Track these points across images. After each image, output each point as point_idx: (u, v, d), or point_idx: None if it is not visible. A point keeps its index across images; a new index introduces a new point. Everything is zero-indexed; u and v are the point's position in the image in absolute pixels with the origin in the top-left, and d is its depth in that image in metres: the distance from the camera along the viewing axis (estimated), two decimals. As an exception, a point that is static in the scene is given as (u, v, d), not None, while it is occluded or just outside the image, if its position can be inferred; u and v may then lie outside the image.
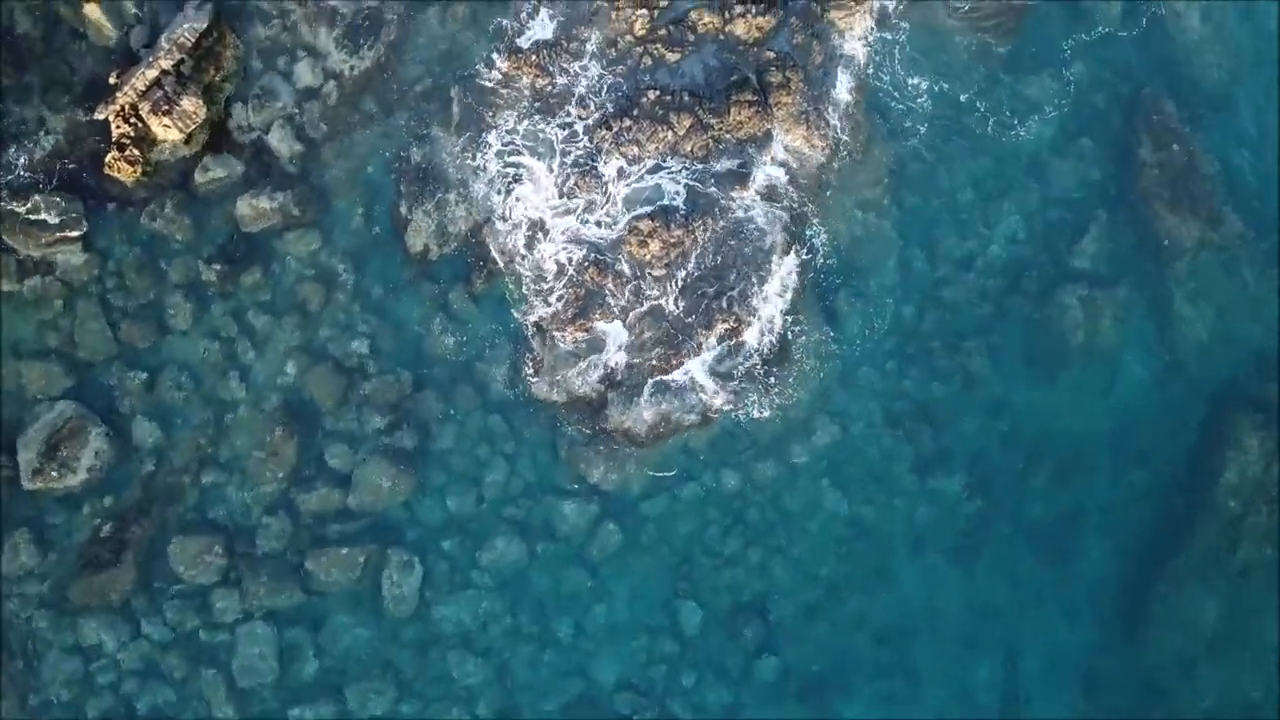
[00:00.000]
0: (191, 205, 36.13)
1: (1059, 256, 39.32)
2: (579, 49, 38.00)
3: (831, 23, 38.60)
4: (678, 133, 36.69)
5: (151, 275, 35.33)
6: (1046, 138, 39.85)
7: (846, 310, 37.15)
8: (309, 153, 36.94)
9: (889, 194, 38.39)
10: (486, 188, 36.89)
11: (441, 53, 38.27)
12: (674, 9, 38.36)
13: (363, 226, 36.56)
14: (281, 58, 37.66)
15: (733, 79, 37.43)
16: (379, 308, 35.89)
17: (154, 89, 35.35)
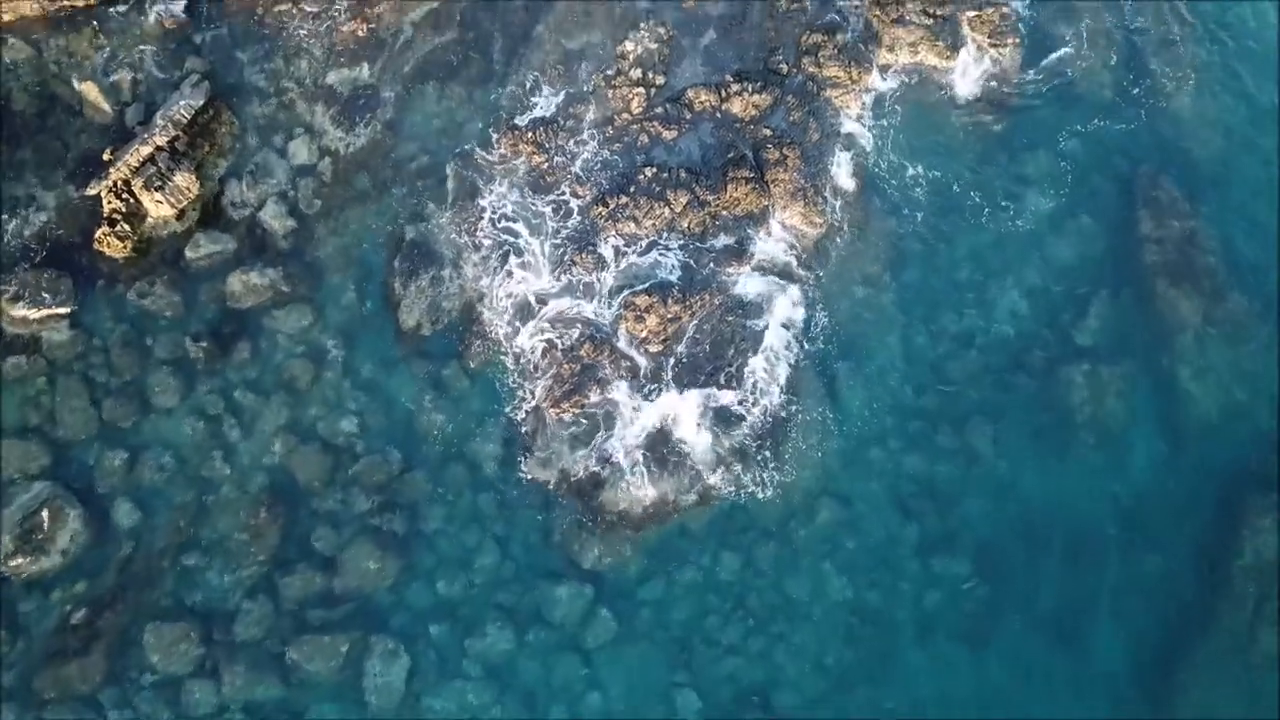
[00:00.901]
0: (181, 281, 35.68)
1: (1062, 333, 38.64)
2: (576, 126, 38.04)
3: (828, 101, 38.76)
4: (675, 209, 36.44)
5: (137, 352, 34.64)
6: (1045, 215, 39.59)
7: (847, 387, 36.35)
8: (302, 229, 36.66)
9: (888, 270, 37.95)
10: (481, 264, 36.50)
11: (438, 130, 38.32)
12: (671, 87, 38.60)
13: (355, 303, 36.03)
14: (277, 134, 37.68)
15: (730, 156, 37.37)
16: (369, 385, 35.11)
17: (147, 165, 35.25)
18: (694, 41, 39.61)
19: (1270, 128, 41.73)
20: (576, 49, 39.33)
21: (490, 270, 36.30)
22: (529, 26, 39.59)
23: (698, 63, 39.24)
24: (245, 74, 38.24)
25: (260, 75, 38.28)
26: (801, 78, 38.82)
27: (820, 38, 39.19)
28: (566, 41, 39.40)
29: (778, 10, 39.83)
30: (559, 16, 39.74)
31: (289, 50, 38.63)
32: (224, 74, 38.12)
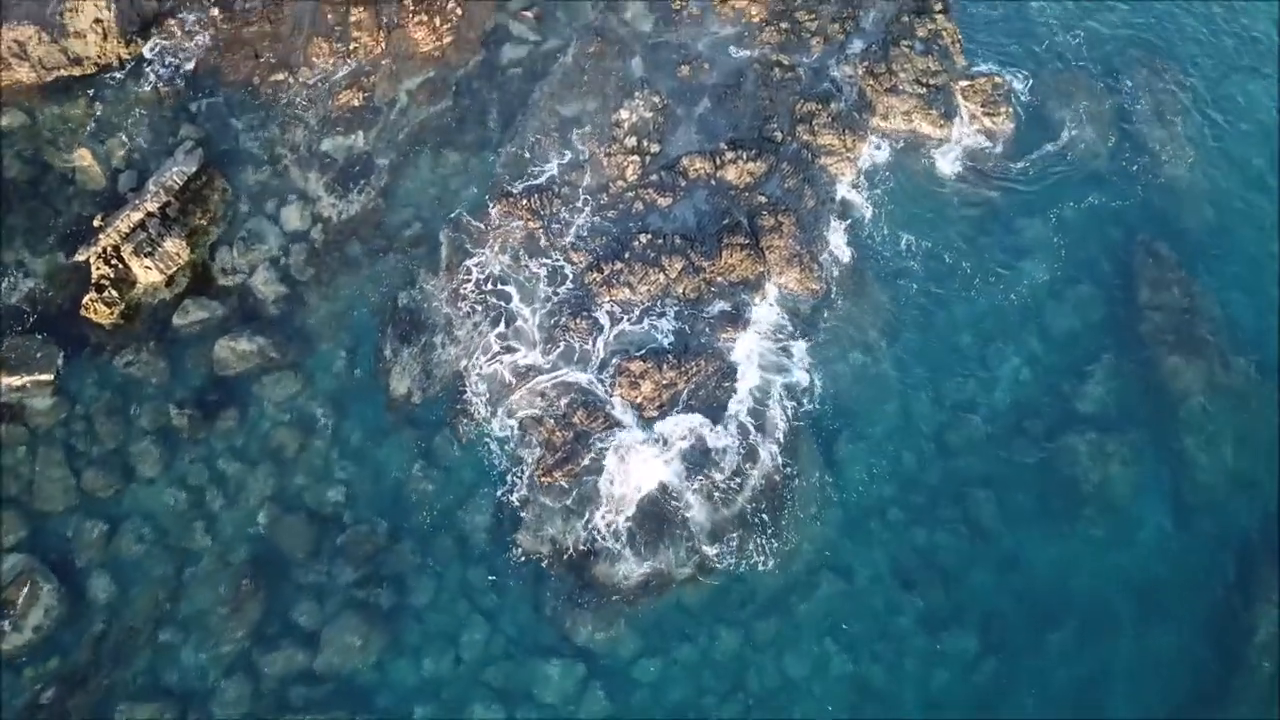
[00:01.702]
0: (168, 348, 35.12)
1: (1064, 400, 37.98)
2: (571, 193, 37.91)
3: (823, 168, 38.73)
4: (670, 275, 36.08)
5: (121, 421, 33.89)
6: (1043, 282, 39.27)
7: (846, 455, 35.54)
8: (293, 295, 36.23)
9: (886, 337, 37.45)
10: (474, 331, 35.99)
11: (432, 197, 38.18)
12: (666, 155, 38.58)
13: (344, 370, 35.40)
14: (270, 201, 37.50)
15: (725, 222, 37.17)
16: (358, 454, 34.26)
17: (138, 231, 34.99)
18: (689, 110, 39.77)
19: (1264, 197, 41.71)
20: (572, 116, 39.44)
21: (483, 337, 35.76)
22: (525, 94, 39.77)
23: (692, 131, 39.33)
24: (240, 141, 38.24)
25: (255, 142, 38.27)
26: (796, 146, 38.86)
27: (814, 106, 39.34)
28: (562, 109, 39.54)
29: (771, 79, 40.06)
30: (555, 84, 39.95)
31: (284, 118, 38.71)
32: (218, 141, 38.12)
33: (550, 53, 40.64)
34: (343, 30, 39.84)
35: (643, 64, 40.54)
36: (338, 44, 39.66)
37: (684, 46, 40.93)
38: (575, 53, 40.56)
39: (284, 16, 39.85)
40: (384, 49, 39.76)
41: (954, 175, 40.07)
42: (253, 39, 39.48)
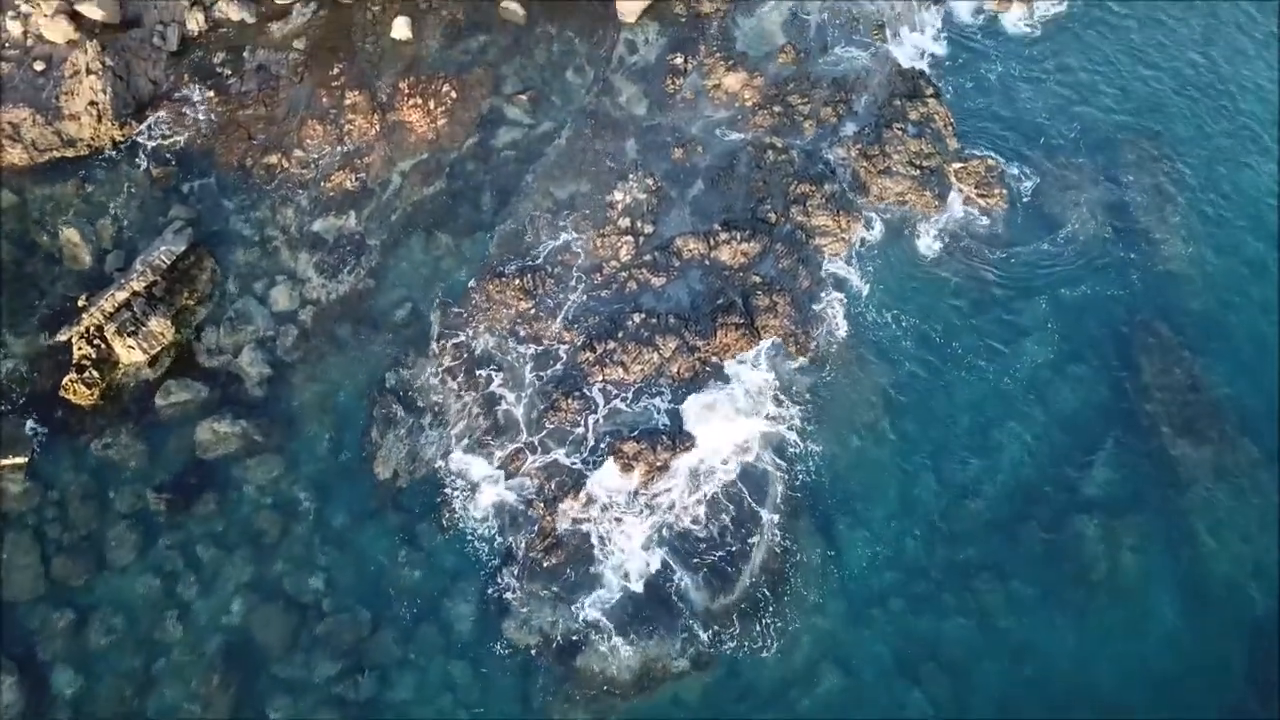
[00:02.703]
0: (149, 430, 34.12)
1: (1069, 483, 36.98)
2: (564, 274, 37.50)
3: (817, 249, 38.46)
4: (664, 354, 35.42)
5: (95, 505, 32.72)
6: (1043, 362, 38.66)
7: (847, 541, 34.33)
8: (279, 376, 35.44)
9: (885, 417, 36.62)
10: (462, 413, 35.11)
11: (423, 278, 37.73)
12: (660, 235, 38.33)
13: (329, 453, 34.39)
14: (259, 281, 37.02)
15: (719, 302, 36.68)
16: (340, 539, 33.01)
17: (122, 310, 34.34)
18: (682, 191, 39.69)
19: (1263, 281, 41.44)
20: (566, 198, 39.32)
21: (472, 419, 34.88)
22: (519, 177, 39.71)
23: (686, 212, 39.18)
24: (230, 221, 37.95)
25: (245, 223, 37.98)
26: (790, 226, 38.66)
27: (808, 188, 39.29)
28: (556, 191, 39.44)
29: (765, 161, 40.10)
30: (549, 167, 39.94)
31: (276, 199, 38.52)
32: (209, 221, 37.83)
33: (544, 135, 40.75)
34: (337, 113, 39.98)
35: (637, 146, 40.63)
36: (332, 126, 39.74)
37: (678, 129, 41.10)
38: (569, 135, 40.67)
39: (279, 99, 40.02)
40: (378, 131, 39.84)
41: (949, 256, 39.79)
42: (247, 121, 39.56)
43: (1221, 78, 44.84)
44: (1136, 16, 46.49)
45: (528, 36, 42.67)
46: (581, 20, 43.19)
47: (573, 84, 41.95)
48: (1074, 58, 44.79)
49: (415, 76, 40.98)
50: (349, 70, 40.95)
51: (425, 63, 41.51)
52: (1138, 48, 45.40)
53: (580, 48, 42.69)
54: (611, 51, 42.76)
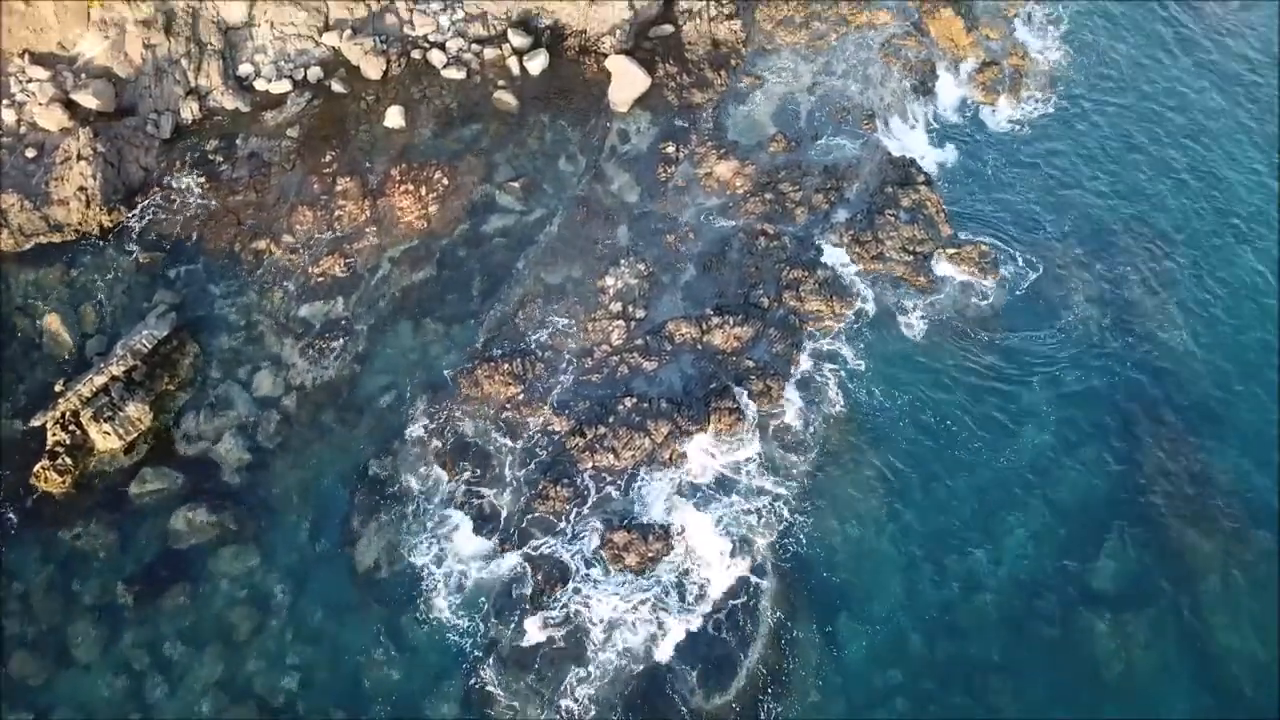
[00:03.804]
0: (121, 519, 32.91)
1: (1076, 576, 35.61)
2: (554, 358, 36.83)
3: (811, 333, 37.93)
4: (656, 440, 34.48)
5: (60, 598, 31.32)
6: (1045, 448, 37.73)
7: (847, 635, 32.80)
8: (259, 463, 34.39)
9: (883, 505, 35.49)
10: (449, 499, 33.97)
11: (411, 364, 37.02)
12: (651, 320, 37.82)
13: (308, 542, 33.11)
14: (242, 367, 36.28)
15: (712, 387, 35.93)
16: (316, 635, 31.48)
17: (100, 395, 33.49)
18: (674, 277, 39.34)
19: (1264, 366, 40.86)
20: (557, 283, 38.93)
21: (458, 506, 33.72)
22: (510, 263, 39.39)
23: (678, 297, 38.75)
24: (216, 306, 37.41)
25: (231, 308, 37.44)
26: (783, 311, 38.21)
27: (801, 273, 38.98)
28: (547, 276, 39.08)
29: (757, 248, 39.88)
30: (540, 253, 39.68)
31: (263, 284, 38.07)
32: (194, 306, 37.30)
33: (536, 222, 40.61)
34: (328, 199, 39.88)
35: (629, 232, 40.47)
36: (322, 212, 39.58)
37: (670, 216, 41.01)
38: (561, 222, 40.54)
39: (270, 186, 39.97)
40: (368, 217, 39.68)
41: (945, 341, 39.24)
42: (237, 207, 39.40)
43: (1214, 167, 45.09)
44: (1127, 108, 47.01)
45: (521, 125, 42.96)
46: (574, 109, 43.58)
47: (565, 172, 42.04)
48: (1064, 147, 45.12)
49: (407, 163, 41.06)
50: (341, 157, 41.03)
51: (418, 150, 41.66)
52: (1128, 137, 45.76)
53: (573, 136, 42.94)
54: (604, 140, 43.02)
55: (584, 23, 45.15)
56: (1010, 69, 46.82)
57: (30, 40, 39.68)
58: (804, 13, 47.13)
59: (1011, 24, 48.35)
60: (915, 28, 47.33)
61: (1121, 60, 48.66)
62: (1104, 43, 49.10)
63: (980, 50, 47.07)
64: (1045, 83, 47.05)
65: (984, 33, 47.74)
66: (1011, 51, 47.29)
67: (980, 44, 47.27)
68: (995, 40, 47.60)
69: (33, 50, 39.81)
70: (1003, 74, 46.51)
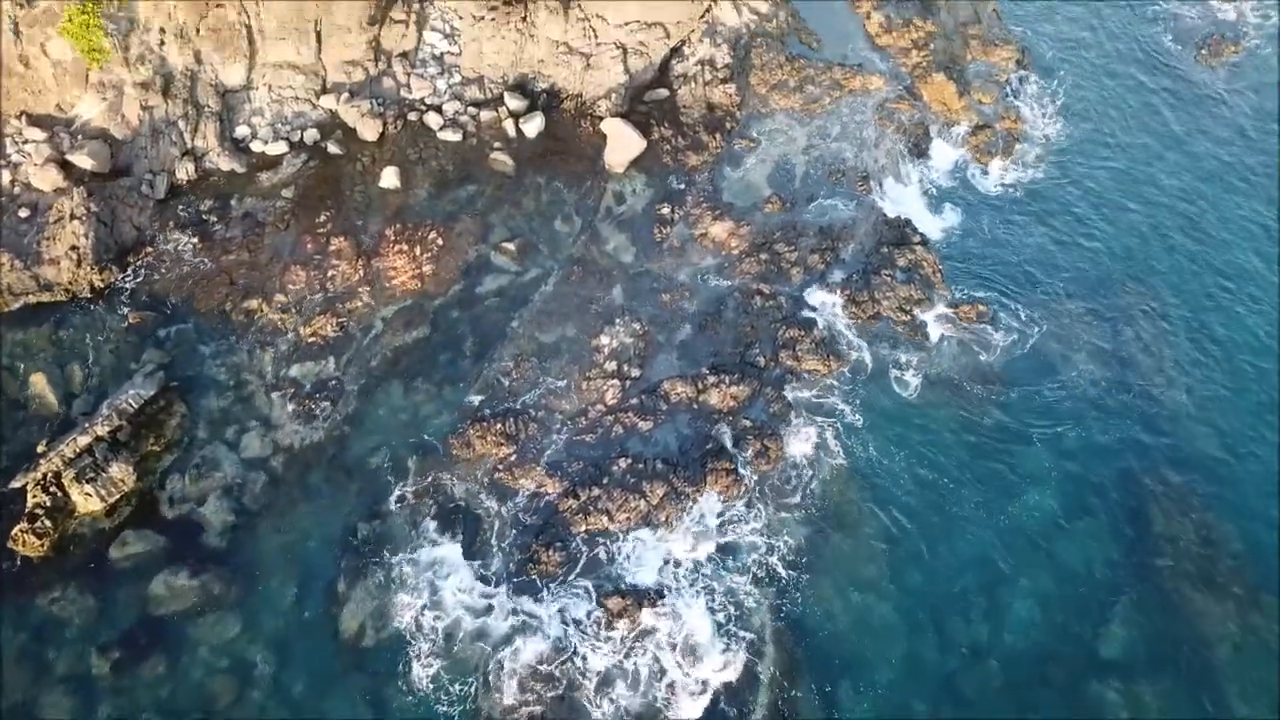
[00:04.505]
0: (100, 584, 31.89)
1: (1085, 644, 34.57)
2: (548, 418, 36.23)
3: (808, 393, 37.39)
4: (650, 501, 33.70)
5: (33, 667, 30.14)
6: (1049, 513, 36.96)
7: (851, 706, 31.62)
8: (244, 526, 33.50)
9: (886, 572, 34.57)
10: (439, 564, 33.00)
11: (401, 424, 36.37)
12: (647, 379, 37.31)
13: (292, 608, 32.06)
14: (230, 427, 35.59)
15: (708, 447, 35.29)
16: (298, 707, 30.28)
17: (83, 456, 32.74)
18: (670, 336, 38.96)
19: (1266, 425, 40.34)
20: (551, 343, 38.50)
21: (447, 570, 32.76)
22: (503, 323, 39.01)
23: (674, 356, 38.32)
24: (205, 366, 36.88)
25: (221, 368, 36.90)
26: (780, 370, 37.76)
27: (797, 333, 38.62)
28: (541, 336, 38.67)
29: (753, 307, 39.59)
30: (534, 313, 39.34)
31: (254, 344, 37.59)
32: (184, 366, 36.75)
33: (531, 282, 40.35)
34: (321, 258, 39.64)
35: (624, 292, 40.19)
36: (315, 272, 39.30)
37: (665, 276, 40.79)
38: (556, 282, 40.29)
39: (263, 245, 39.75)
40: (362, 277, 39.40)
41: (944, 401, 38.74)
42: (230, 266, 39.13)
43: (1209, 228, 45.13)
44: (1121, 169, 47.23)
45: (517, 186, 42.99)
46: (570, 171, 43.66)
47: (560, 232, 41.94)
48: (1058, 207, 45.20)
49: (402, 224, 40.94)
50: (335, 218, 40.93)
51: (413, 210, 41.59)
52: (1123, 198, 45.89)
53: (568, 197, 42.96)
54: (599, 201, 43.02)
55: (580, 86, 45.53)
56: (1003, 132, 47.15)
57: (28, 102, 39.82)
58: (798, 77, 47.59)
59: (1003, 89, 48.84)
60: (908, 92, 47.80)
61: (1114, 123, 49.08)
62: (1096, 106, 49.56)
63: (973, 114, 47.45)
64: (1038, 145, 47.35)
65: (976, 97, 48.19)
66: (1004, 115, 47.68)
67: (973, 108, 47.67)
68: (987, 105, 48.04)
69: (30, 112, 39.92)
70: (996, 137, 46.81)
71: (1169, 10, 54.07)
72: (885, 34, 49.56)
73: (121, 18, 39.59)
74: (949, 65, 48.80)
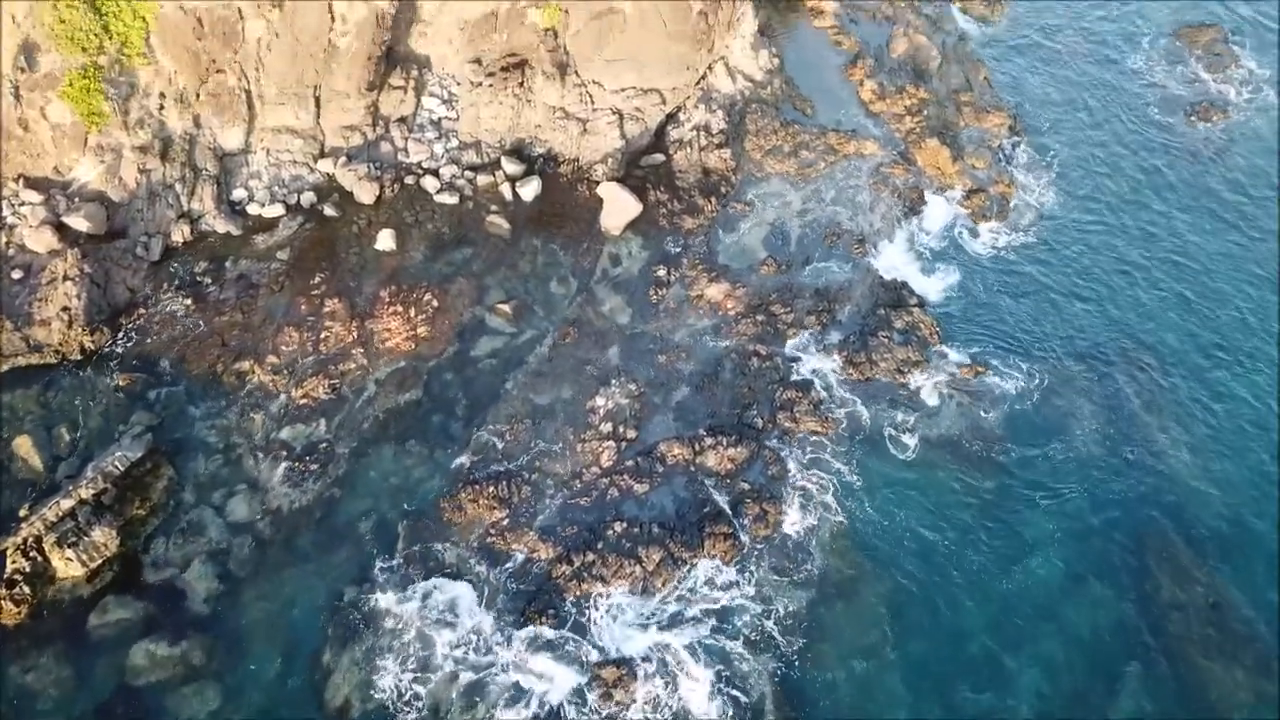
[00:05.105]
0: (78, 653, 30.91)
1: (1096, 715, 33.52)
2: (541, 481, 35.60)
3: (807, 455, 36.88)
4: (647, 567, 32.90)
5: (3, 742, 29.09)
6: (1055, 579, 36.17)
7: (856, 782, 30.54)
8: (228, 592, 32.63)
9: (889, 639, 33.65)
10: (428, 631, 32.08)
11: (393, 487, 35.72)
12: (643, 441, 36.79)
13: (276, 678, 31.05)
14: (218, 491, 34.93)
15: (706, 510, 34.60)
16: (280, 783, 29.16)
17: (65, 520, 32.01)
18: (666, 397, 38.53)
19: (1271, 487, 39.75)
20: (545, 405, 38.04)
21: (437, 637, 31.81)
22: (498, 384, 38.60)
23: (670, 417, 37.84)
24: (195, 428, 36.31)
25: (210, 430, 36.33)
26: (778, 432, 37.24)
27: (795, 394, 38.22)
28: (536, 397, 38.23)
29: (750, 368, 39.26)
30: (529, 374, 38.96)
31: (245, 406, 37.08)
32: (172, 428, 36.19)
33: (526, 344, 40.04)
34: (315, 320, 39.36)
35: (620, 353, 39.86)
36: (309, 333, 38.99)
37: (661, 337, 40.52)
38: (551, 343, 39.99)
39: (257, 307, 39.50)
40: (355, 338, 39.07)
41: (945, 463, 38.18)
42: (222, 328, 38.80)
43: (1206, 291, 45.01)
44: (1116, 231, 47.28)
45: (513, 249, 42.96)
46: (567, 234, 43.70)
47: (556, 294, 41.78)
48: (1054, 270, 45.16)
49: (397, 285, 40.77)
50: (330, 279, 40.76)
51: (408, 272, 41.45)
52: (1119, 261, 45.87)
53: (565, 260, 42.91)
54: (595, 263, 42.96)
55: (577, 151, 45.84)
56: (997, 195, 47.39)
57: (26, 165, 39.90)
58: (792, 142, 47.99)
59: (997, 154, 49.24)
60: (902, 156, 48.16)
61: (1108, 184, 49.35)
62: (1089, 169, 49.91)
63: (967, 178, 47.75)
64: (1033, 207, 47.54)
65: (970, 162, 48.55)
66: (998, 179, 47.99)
67: (967, 172, 47.99)
68: (981, 169, 48.37)
69: (28, 175, 39.99)
70: (990, 200, 47.03)
71: (1156, 81, 54.83)
72: (879, 100, 50.15)
73: (122, 82, 39.93)
74: (942, 131, 49.29)
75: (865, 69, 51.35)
